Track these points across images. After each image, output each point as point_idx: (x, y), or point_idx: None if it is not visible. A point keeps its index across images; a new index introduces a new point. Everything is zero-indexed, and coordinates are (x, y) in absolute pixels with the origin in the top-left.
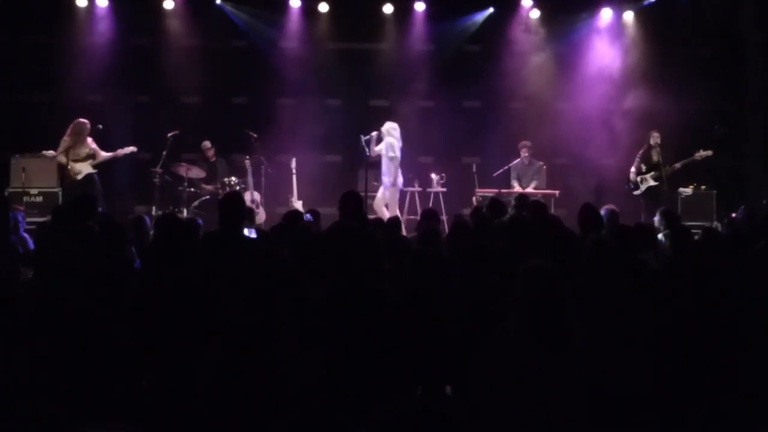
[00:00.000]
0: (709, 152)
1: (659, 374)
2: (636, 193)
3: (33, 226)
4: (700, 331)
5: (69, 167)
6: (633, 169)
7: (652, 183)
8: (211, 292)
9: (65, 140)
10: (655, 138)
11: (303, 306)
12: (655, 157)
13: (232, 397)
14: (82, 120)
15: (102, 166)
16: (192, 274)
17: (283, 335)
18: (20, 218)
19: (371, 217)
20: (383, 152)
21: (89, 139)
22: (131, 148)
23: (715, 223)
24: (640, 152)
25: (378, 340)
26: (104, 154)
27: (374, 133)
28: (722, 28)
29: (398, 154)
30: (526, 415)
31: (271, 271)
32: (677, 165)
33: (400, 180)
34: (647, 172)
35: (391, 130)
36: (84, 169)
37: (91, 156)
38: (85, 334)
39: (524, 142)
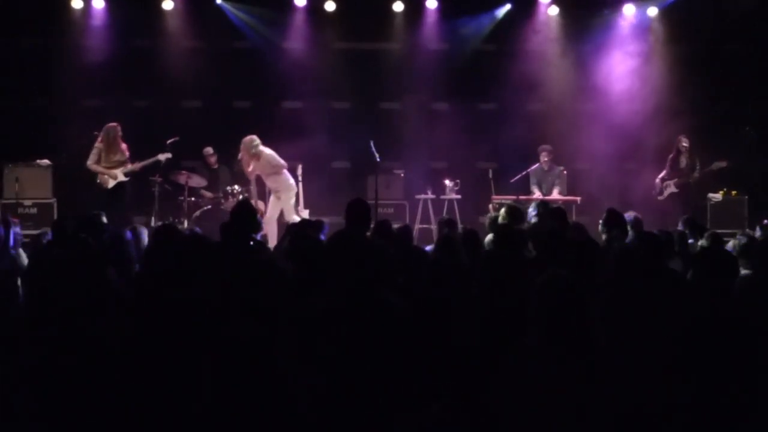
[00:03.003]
0: (723, 163)
1: (689, 387)
2: (659, 198)
3: (28, 239)
4: (734, 342)
5: (101, 176)
6: (661, 174)
7: (673, 190)
8: (209, 306)
9: (98, 146)
10: (683, 143)
11: (305, 318)
12: (683, 162)
13: (230, 413)
14: (112, 124)
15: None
16: (192, 288)
17: (284, 349)
18: (17, 232)
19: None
20: (270, 168)
21: (124, 145)
22: (166, 155)
23: (747, 230)
24: (670, 157)
25: (383, 353)
26: (139, 164)
27: (244, 158)
28: (753, 25)
29: (280, 159)
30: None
31: (268, 282)
32: (696, 175)
33: (293, 189)
34: (671, 178)
35: (254, 146)
36: (116, 177)
37: (124, 162)
38: (76, 348)
39: (545, 146)
